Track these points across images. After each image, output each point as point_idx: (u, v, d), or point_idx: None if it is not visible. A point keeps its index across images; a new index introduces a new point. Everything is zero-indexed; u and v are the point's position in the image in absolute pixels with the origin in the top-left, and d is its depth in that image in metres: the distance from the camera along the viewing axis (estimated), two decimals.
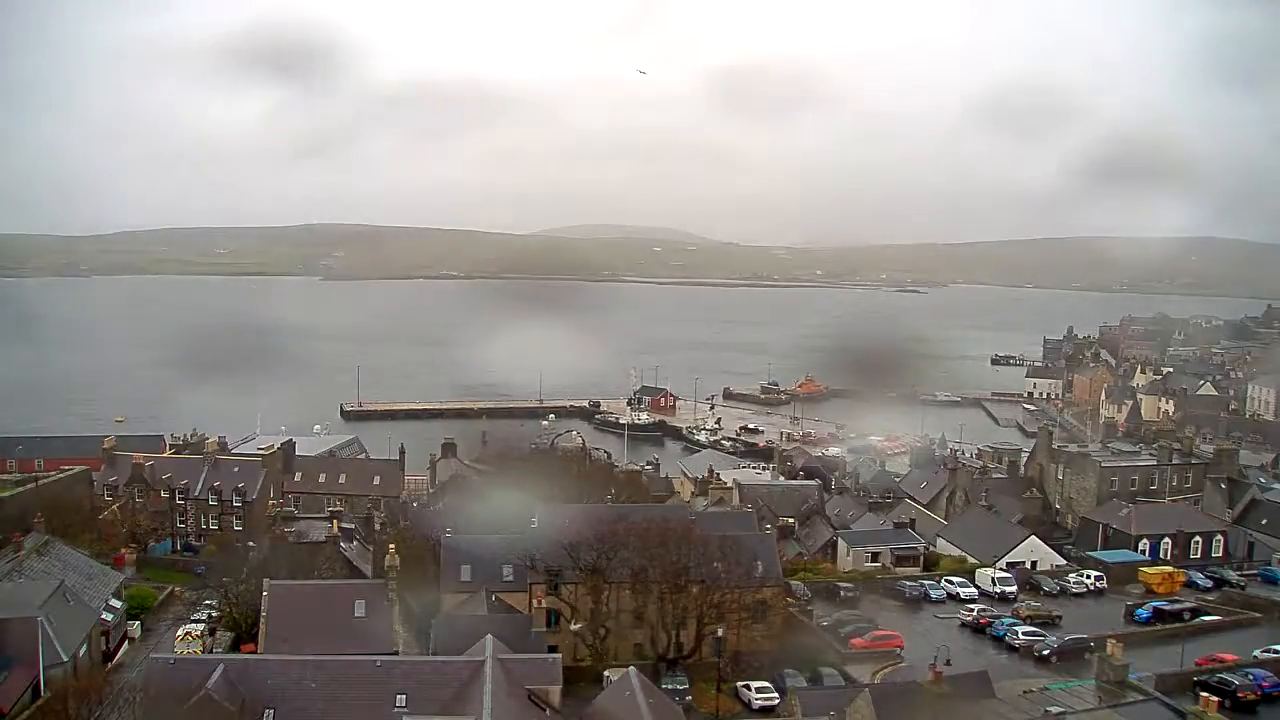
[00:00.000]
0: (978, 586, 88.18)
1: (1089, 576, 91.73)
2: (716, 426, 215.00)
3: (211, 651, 64.21)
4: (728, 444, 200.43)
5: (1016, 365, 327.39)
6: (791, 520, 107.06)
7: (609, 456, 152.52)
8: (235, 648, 65.02)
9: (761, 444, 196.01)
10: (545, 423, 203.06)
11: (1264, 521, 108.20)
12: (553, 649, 60.03)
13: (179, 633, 70.46)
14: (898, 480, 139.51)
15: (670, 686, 61.55)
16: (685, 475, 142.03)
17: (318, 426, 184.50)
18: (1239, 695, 56.57)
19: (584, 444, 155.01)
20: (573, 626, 68.65)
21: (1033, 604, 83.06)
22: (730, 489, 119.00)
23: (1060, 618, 79.60)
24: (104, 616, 67.50)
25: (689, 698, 61.83)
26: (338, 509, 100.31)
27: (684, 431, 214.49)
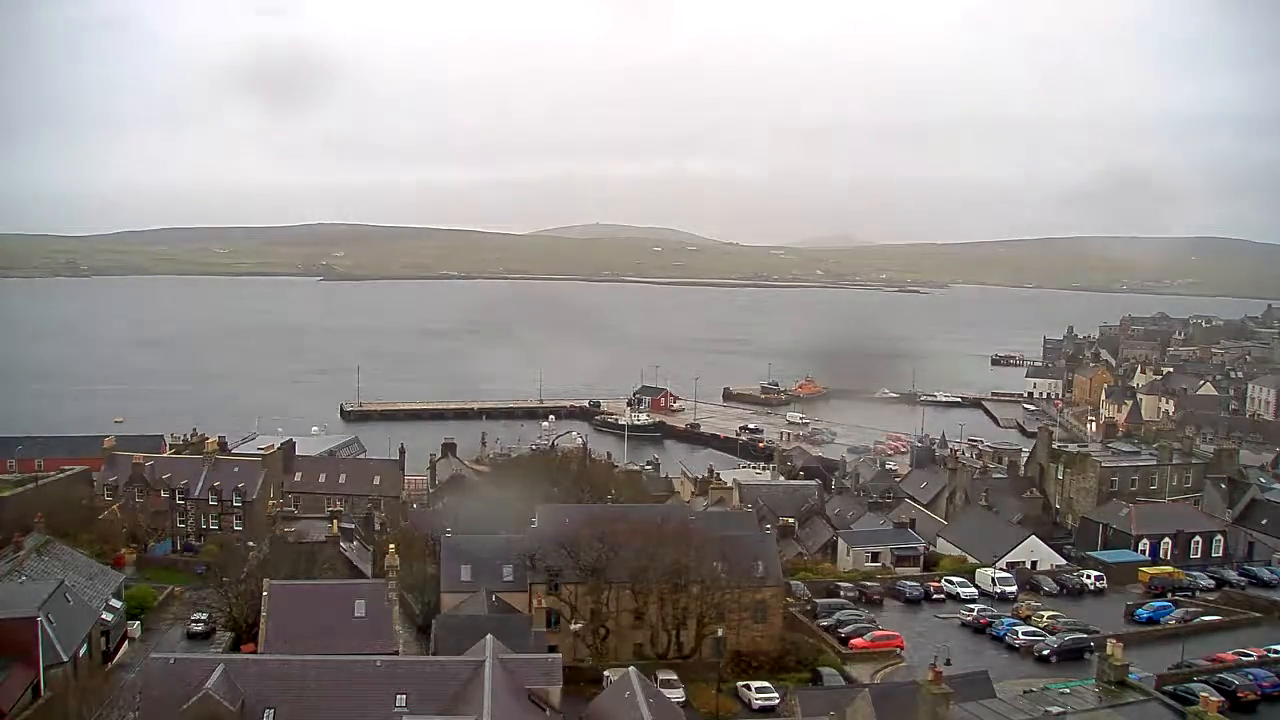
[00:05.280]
0: (978, 586, 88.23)
1: (1089, 576, 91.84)
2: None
3: None
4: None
5: (1016, 365, 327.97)
6: (791, 520, 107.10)
7: (609, 456, 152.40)
8: (235, 648, 65.01)
9: (762, 443, 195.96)
10: (545, 423, 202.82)
11: (1264, 521, 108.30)
12: (553, 649, 59.99)
13: None
14: (898, 480, 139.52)
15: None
16: (685, 475, 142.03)
17: (316, 427, 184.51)
18: (1239, 695, 56.57)
19: (585, 443, 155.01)
20: (573, 626, 68.63)
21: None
22: (730, 489, 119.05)
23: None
24: (104, 616, 67.38)
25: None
26: (338, 509, 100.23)
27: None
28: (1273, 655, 64.20)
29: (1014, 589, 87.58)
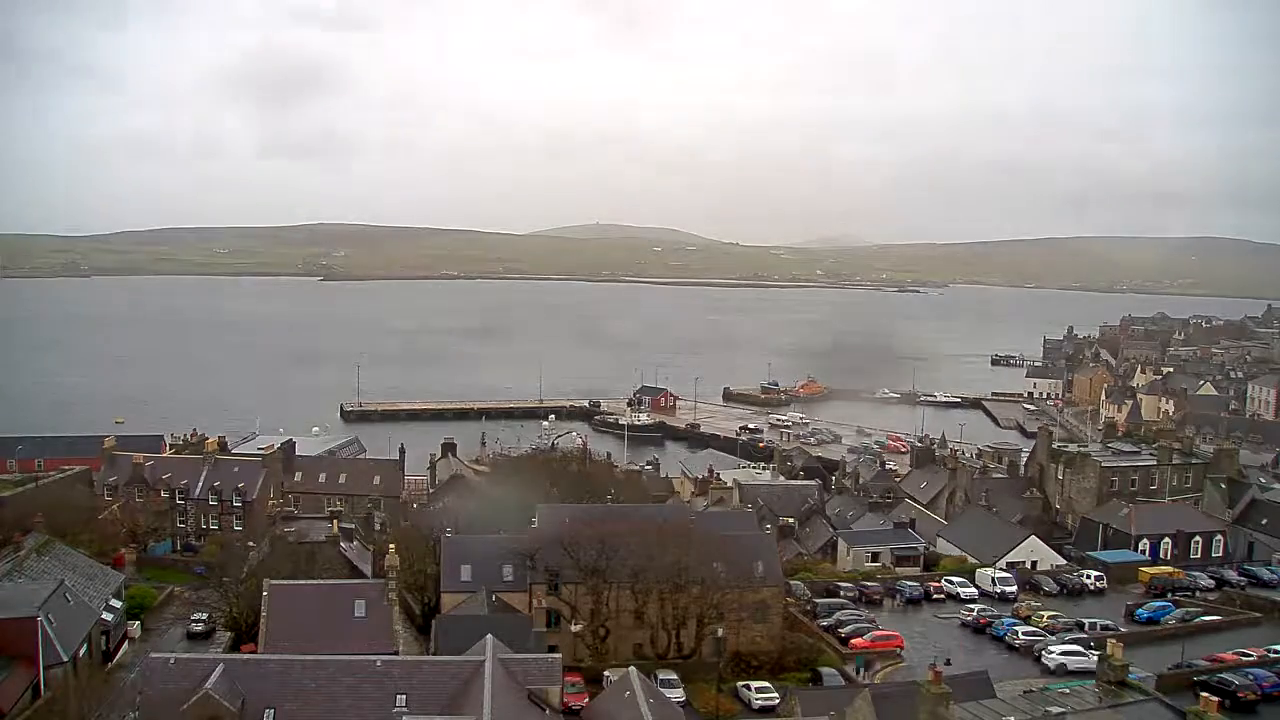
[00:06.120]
0: (978, 586, 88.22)
1: (1089, 576, 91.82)
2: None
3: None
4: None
5: (1016, 365, 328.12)
6: (791, 520, 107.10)
7: (609, 456, 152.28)
8: (235, 648, 65.03)
9: (762, 444, 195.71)
10: (545, 423, 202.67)
11: (1264, 521, 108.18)
12: (553, 649, 60.01)
13: None
14: (898, 480, 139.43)
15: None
16: (685, 475, 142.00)
17: (317, 427, 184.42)
18: (1239, 695, 56.53)
19: (584, 443, 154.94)
20: (573, 627, 68.62)
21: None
22: (730, 489, 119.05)
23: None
24: (104, 616, 67.45)
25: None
26: (338, 509, 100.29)
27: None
28: (1273, 655, 64.10)
29: (1014, 589, 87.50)
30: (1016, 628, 74.78)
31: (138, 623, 75.67)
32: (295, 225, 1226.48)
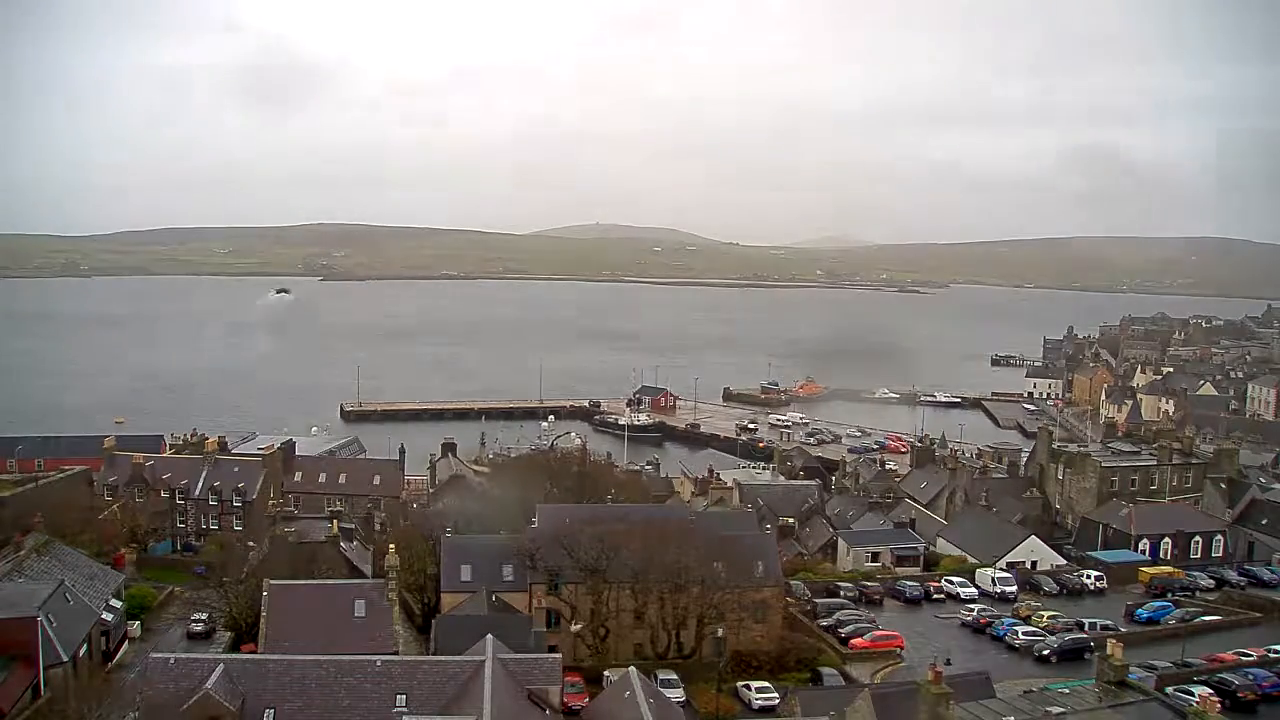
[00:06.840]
0: (978, 586, 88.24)
1: (1089, 576, 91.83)
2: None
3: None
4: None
5: (1016, 365, 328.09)
6: (791, 520, 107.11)
7: (609, 457, 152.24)
8: (235, 648, 65.05)
9: (762, 443, 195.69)
10: (545, 423, 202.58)
11: (1264, 521, 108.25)
12: (553, 649, 60.01)
13: None
14: (898, 480, 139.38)
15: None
16: (685, 475, 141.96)
17: (316, 427, 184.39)
18: (1239, 695, 56.59)
19: (584, 444, 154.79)
20: (573, 627, 68.63)
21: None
22: (730, 489, 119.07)
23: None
24: (104, 616, 67.45)
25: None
26: (338, 509, 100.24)
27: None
28: (1273, 655, 64.19)
29: (1014, 589, 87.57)
30: (1016, 628, 74.82)
31: (138, 623, 75.66)
32: (295, 225, 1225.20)
